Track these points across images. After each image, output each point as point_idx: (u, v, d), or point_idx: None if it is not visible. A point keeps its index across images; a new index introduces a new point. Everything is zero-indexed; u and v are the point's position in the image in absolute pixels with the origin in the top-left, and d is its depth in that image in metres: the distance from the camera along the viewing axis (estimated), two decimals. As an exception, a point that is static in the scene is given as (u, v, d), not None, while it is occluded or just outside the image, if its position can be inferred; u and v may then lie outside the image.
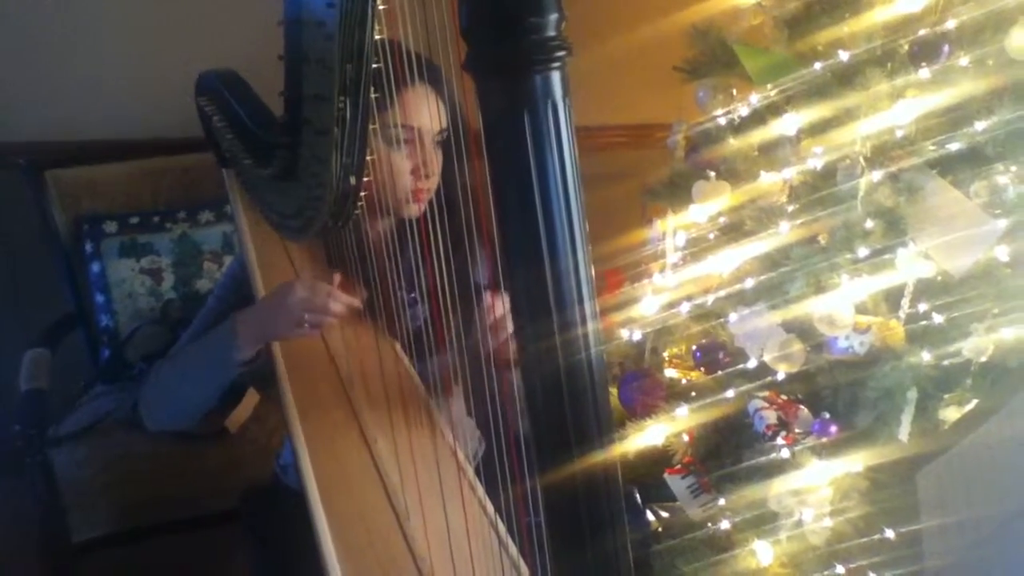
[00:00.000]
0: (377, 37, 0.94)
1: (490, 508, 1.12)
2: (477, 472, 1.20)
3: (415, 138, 1.26)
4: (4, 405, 2.20)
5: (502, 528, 1.08)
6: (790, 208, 1.62)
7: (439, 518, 1.06)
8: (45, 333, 2.17)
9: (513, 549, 1.06)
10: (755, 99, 1.71)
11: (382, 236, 1.32)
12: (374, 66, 0.97)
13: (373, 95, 0.99)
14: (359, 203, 1.11)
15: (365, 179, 1.08)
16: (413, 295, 1.34)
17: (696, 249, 1.82)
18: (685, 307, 1.74)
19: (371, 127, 1.03)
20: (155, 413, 1.38)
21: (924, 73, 1.46)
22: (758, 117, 1.72)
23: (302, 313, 1.18)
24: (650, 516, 1.71)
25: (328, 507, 1.07)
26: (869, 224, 1.49)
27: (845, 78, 1.51)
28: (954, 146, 1.44)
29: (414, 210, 1.29)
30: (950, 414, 1.47)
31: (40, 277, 2.35)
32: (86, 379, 2.21)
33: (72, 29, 2.34)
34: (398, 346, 1.34)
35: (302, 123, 1.05)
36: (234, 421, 2.00)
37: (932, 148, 1.45)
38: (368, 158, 1.06)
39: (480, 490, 1.16)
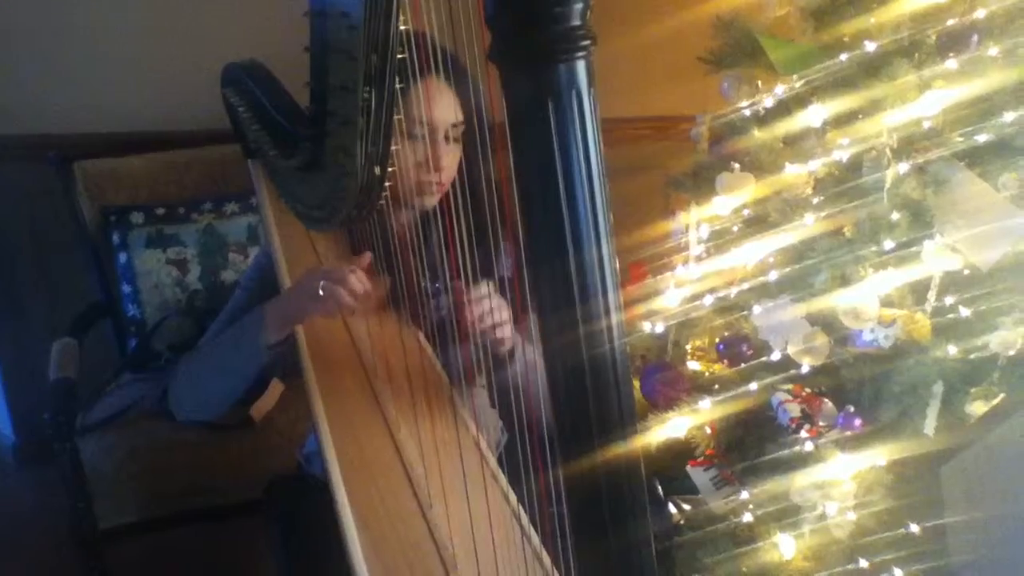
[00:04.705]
0: (402, 27, 0.95)
1: (513, 498, 1.12)
2: (500, 462, 1.20)
3: (425, 132, 1.26)
4: (33, 394, 2.24)
5: (524, 517, 1.08)
6: (815, 200, 1.61)
7: (462, 506, 1.07)
8: (73, 323, 2.20)
9: (535, 538, 1.06)
10: (780, 90, 1.70)
11: (406, 226, 1.33)
12: (399, 57, 0.97)
13: (399, 86, 1.00)
14: (384, 193, 1.12)
15: (389, 169, 1.08)
16: (437, 285, 1.34)
17: (720, 241, 1.82)
18: (708, 300, 1.73)
19: (396, 117, 1.03)
20: (185, 404, 1.39)
21: (952, 64, 1.44)
22: (783, 108, 1.71)
23: (319, 283, 1.18)
24: (672, 508, 1.71)
25: (352, 494, 1.08)
26: (895, 216, 1.48)
27: (871, 69, 1.50)
28: (982, 137, 1.43)
29: (426, 202, 1.30)
30: (976, 408, 1.45)
31: (68, 267, 2.38)
32: (113, 368, 2.23)
33: (99, 23, 2.36)
34: (422, 336, 1.35)
35: (327, 114, 1.05)
36: (259, 411, 2.02)
37: (960, 140, 1.44)
38: (393, 148, 1.07)
39: (503, 480, 1.16)
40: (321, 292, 1.17)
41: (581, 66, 0.62)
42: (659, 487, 1.72)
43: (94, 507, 1.91)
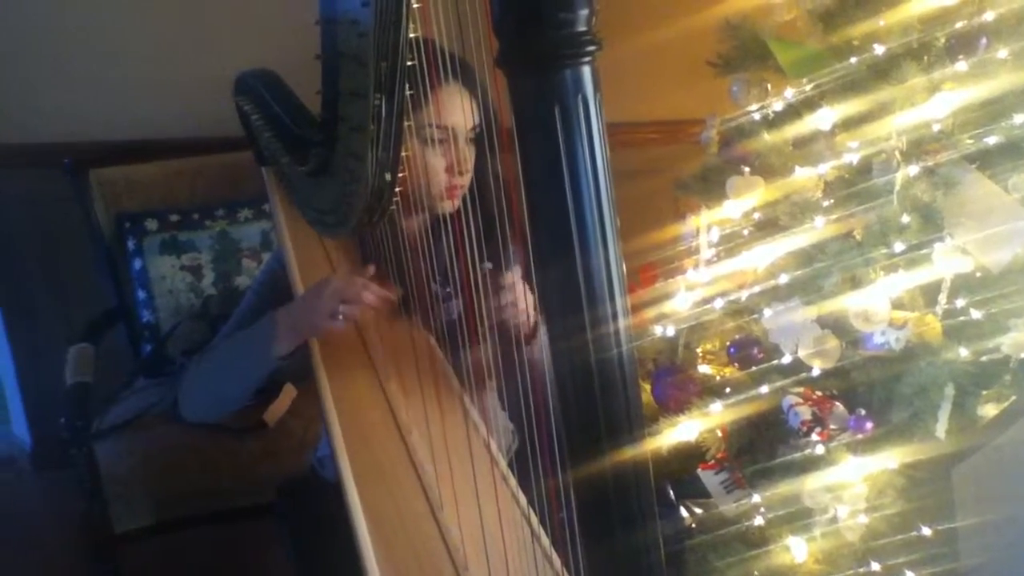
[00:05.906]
0: (412, 35, 0.96)
1: (523, 500, 1.13)
2: (510, 466, 1.21)
3: (449, 137, 1.28)
4: (49, 399, 2.25)
5: (535, 520, 1.09)
6: (825, 203, 1.61)
7: (472, 509, 1.07)
8: (89, 328, 2.22)
9: (545, 540, 1.07)
10: (789, 93, 1.70)
11: (416, 231, 1.34)
12: (408, 63, 0.98)
13: (408, 92, 1.01)
14: (394, 199, 1.13)
15: (400, 175, 1.09)
16: (448, 289, 1.35)
17: (730, 244, 1.82)
18: (719, 303, 1.73)
19: (406, 124, 1.04)
20: (192, 404, 1.41)
21: (961, 66, 1.44)
22: (792, 111, 1.71)
23: (337, 304, 1.20)
24: (683, 511, 1.71)
25: (363, 497, 1.08)
26: (905, 219, 1.47)
27: (880, 72, 1.50)
28: (992, 140, 1.42)
29: (448, 206, 1.31)
30: (988, 411, 1.45)
31: (84, 274, 2.40)
32: (128, 374, 2.25)
33: (113, 32, 2.39)
34: (432, 339, 1.35)
35: (338, 120, 1.06)
36: (272, 415, 2.03)
37: (970, 142, 1.44)
38: (403, 154, 1.08)
39: (513, 482, 1.16)
40: (341, 318, 1.19)
41: (587, 71, 0.63)
42: (670, 490, 1.72)
43: (109, 510, 1.93)
